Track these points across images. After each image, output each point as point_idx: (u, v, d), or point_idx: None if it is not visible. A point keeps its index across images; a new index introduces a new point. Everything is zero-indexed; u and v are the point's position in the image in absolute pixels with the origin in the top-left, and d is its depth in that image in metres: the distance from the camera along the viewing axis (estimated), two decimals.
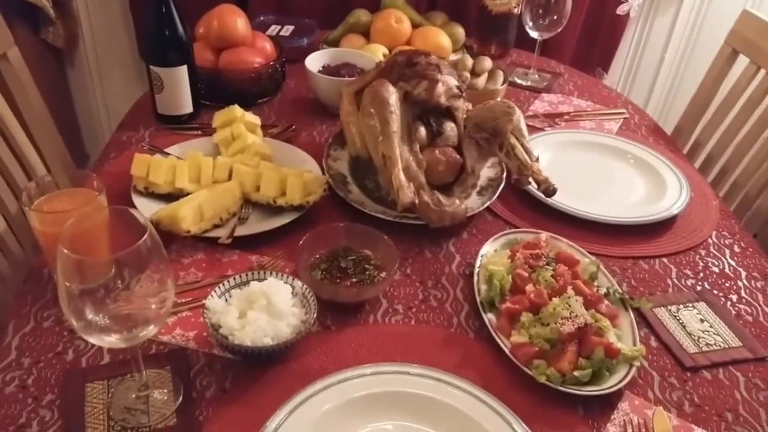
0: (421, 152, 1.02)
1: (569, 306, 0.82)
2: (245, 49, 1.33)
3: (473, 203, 1.06)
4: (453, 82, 1.08)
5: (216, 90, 1.30)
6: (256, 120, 1.17)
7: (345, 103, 1.13)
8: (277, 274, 0.84)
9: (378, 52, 1.45)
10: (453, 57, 1.55)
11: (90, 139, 2.17)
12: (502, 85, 1.34)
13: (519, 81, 1.54)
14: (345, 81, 1.25)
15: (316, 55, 1.36)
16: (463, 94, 1.08)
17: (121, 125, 1.27)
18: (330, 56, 1.38)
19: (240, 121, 1.14)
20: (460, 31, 1.58)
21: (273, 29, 1.55)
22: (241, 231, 0.97)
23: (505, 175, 1.13)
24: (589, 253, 0.98)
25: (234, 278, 0.83)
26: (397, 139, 0.99)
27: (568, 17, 1.45)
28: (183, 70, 1.19)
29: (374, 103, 0.99)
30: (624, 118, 1.42)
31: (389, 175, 0.97)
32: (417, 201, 0.97)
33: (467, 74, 1.31)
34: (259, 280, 0.83)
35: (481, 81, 1.34)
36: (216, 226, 0.97)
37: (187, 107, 1.24)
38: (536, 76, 1.56)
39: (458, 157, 1.04)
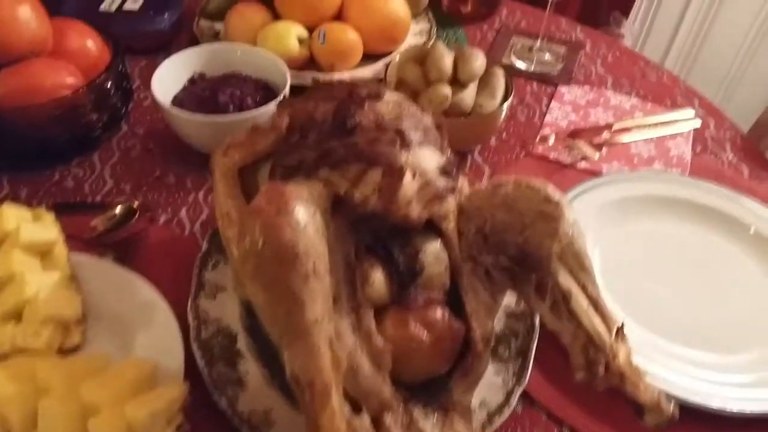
0: (380, 321, 0.49)
1: None
2: (41, 63, 0.72)
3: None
4: (432, 163, 0.52)
5: None
6: (47, 233, 0.59)
7: (219, 190, 0.57)
8: None
9: (288, 38, 0.85)
10: (414, 39, 0.96)
11: None
12: (505, 102, 0.77)
13: (520, 65, 0.98)
14: (224, 122, 0.67)
15: (176, 62, 0.77)
16: (455, 187, 0.53)
17: None
18: (202, 58, 0.79)
19: (10, 244, 0.57)
20: None
21: (110, 1, 0.93)
22: None
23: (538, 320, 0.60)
24: None
25: None
26: (324, 325, 0.44)
27: None
28: None
29: (267, 258, 0.43)
30: (695, 128, 0.89)
31: (312, 416, 0.43)
32: None
33: (446, 92, 0.74)
34: None
35: (468, 95, 0.77)
36: None
37: None
38: (546, 54, 0.99)
39: (456, 323, 0.50)
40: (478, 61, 0.77)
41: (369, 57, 0.91)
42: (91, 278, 0.60)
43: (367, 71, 0.90)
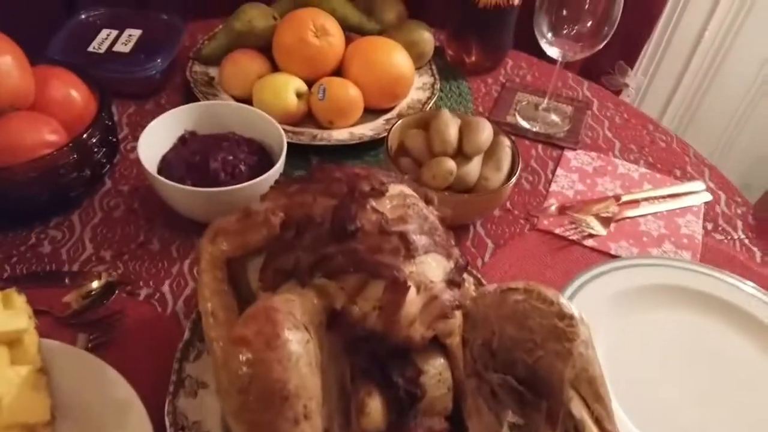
0: None
1: None
2: (20, 118, 0.67)
3: None
4: (438, 272, 0.47)
5: None
6: (17, 321, 0.54)
7: (204, 282, 0.52)
8: None
9: (286, 92, 0.81)
10: (416, 93, 0.92)
11: None
12: (513, 176, 0.73)
13: (525, 125, 0.94)
14: (212, 194, 0.63)
15: (166, 120, 0.72)
16: (462, 304, 0.48)
17: None
18: (193, 116, 0.74)
19: None
20: (426, 39, 0.94)
21: (102, 40, 0.88)
22: None
23: None
24: None
25: None
26: None
27: (617, 21, 0.84)
28: None
29: (254, 398, 0.38)
30: (705, 201, 0.86)
31: None
32: None
33: (451, 167, 0.70)
34: None
35: (473, 168, 0.73)
36: None
37: None
38: (552, 114, 0.95)
39: None
40: (485, 133, 0.73)
41: (368, 111, 0.87)
42: (62, 368, 0.55)
43: (367, 129, 0.85)
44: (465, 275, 0.53)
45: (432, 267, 0.47)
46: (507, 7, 0.94)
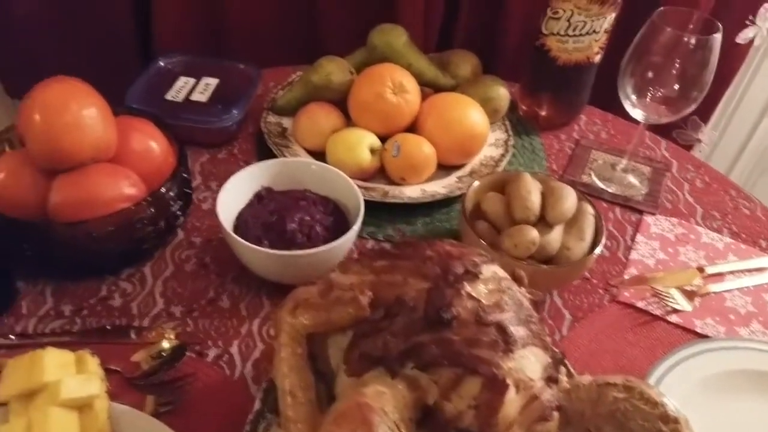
0: None
1: None
2: (101, 170, 0.67)
3: None
4: (537, 369, 0.44)
5: (46, 251, 0.66)
6: (90, 387, 0.53)
7: (283, 357, 0.50)
8: None
9: (360, 147, 0.80)
10: (489, 150, 0.90)
11: None
12: (596, 247, 0.70)
13: (601, 185, 0.91)
14: (290, 258, 0.62)
15: (243, 177, 0.71)
16: (561, 405, 0.45)
17: None
18: (270, 172, 0.73)
19: (49, 397, 0.51)
20: (501, 95, 0.91)
21: (179, 88, 0.89)
22: None
23: None
24: None
25: None
26: None
27: (707, 87, 0.80)
28: None
29: None
30: None
31: None
32: None
33: (535, 236, 0.67)
34: None
35: (555, 237, 0.70)
36: None
37: None
38: (630, 176, 0.92)
39: None
40: (569, 201, 0.70)
41: (440, 167, 0.85)
42: None
43: (439, 187, 0.83)
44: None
45: (531, 362, 0.44)
46: (587, 64, 0.91)
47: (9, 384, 0.53)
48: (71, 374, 0.53)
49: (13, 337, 0.63)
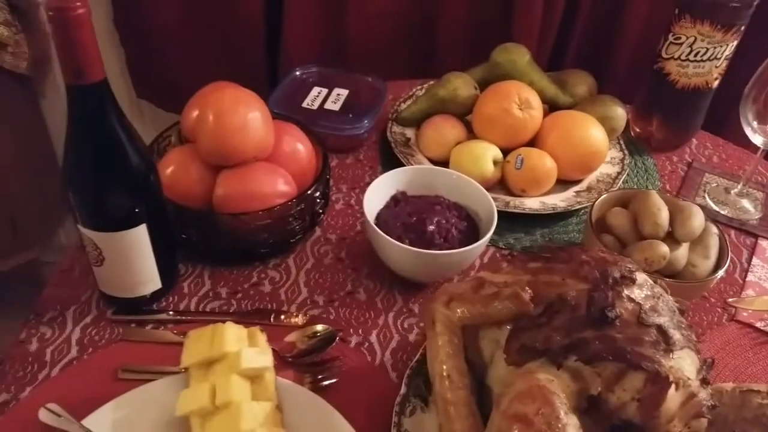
0: None
1: None
2: (261, 168, 0.74)
3: None
4: (692, 369, 0.48)
5: (208, 238, 0.74)
6: (263, 359, 0.60)
7: (438, 345, 0.55)
8: None
9: (485, 159, 0.85)
10: (605, 167, 0.93)
11: None
12: (721, 267, 0.72)
13: (716, 208, 0.92)
14: (431, 256, 0.67)
15: (384, 180, 0.77)
16: (716, 404, 0.48)
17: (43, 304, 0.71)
18: (406, 177, 0.79)
19: (229, 366, 0.58)
20: (619, 115, 0.95)
21: (314, 97, 0.96)
22: None
23: None
24: None
25: None
26: None
27: None
28: (138, 234, 0.63)
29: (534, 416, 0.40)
30: None
31: None
32: None
33: (665, 251, 0.70)
34: None
35: (682, 253, 0.72)
36: None
37: (148, 284, 0.69)
38: (744, 201, 0.93)
39: None
40: (698, 219, 0.73)
41: (557, 181, 0.89)
42: (293, 408, 0.59)
43: (558, 200, 0.87)
44: None
45: (687, 363, 0.48)
46: (705, 89, 0.94)
47: (191, 353, 0.60)
48: (246, 347, 0.60)
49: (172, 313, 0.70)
